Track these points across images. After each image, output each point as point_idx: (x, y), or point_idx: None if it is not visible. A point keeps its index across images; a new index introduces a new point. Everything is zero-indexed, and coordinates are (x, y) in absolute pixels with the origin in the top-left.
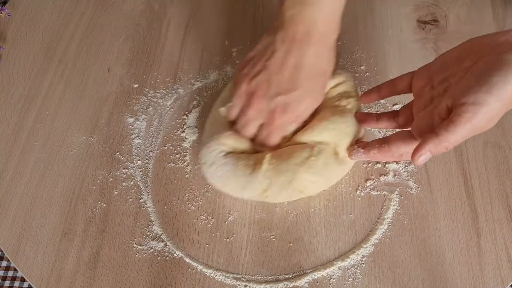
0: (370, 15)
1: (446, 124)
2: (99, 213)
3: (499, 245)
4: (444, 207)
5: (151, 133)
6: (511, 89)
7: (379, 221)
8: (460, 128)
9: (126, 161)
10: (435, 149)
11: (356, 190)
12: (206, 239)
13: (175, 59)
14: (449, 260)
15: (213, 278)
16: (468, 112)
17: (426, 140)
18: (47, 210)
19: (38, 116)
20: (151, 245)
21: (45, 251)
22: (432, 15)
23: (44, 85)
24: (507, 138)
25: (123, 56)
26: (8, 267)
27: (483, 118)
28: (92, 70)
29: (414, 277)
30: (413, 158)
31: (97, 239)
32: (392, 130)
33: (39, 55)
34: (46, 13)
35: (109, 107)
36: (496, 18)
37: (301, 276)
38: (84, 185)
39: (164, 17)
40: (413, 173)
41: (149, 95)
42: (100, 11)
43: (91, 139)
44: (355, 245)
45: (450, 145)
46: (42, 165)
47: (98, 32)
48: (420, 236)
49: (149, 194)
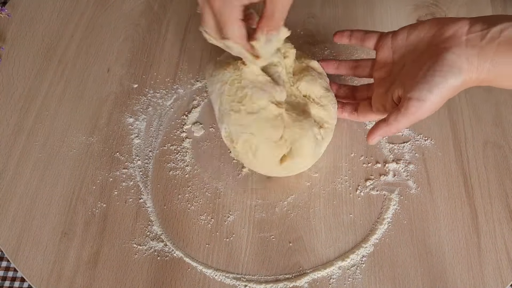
0: (370, 15)
1: (396, 114)
2: (99, 213)
3: (499, 245)
4: (444, 207)
5: (151, 133)
6: (448, 87)
7: (379, 221)
8: (406, 119)
9: (126, 161)
10: (385, 133)
11: (356, 190)
12: (206, 239)
13: (174, 59)
14: (449, 260)
15: (213, 278)
16: (413, 106)
17: (378, 126)
18: (47, 210)
19: (38, 116)
20: (151, 245)
21: (45, 251)
22: (432, 15)
23: (44, 85)
24: (507, 138)
25: (123, 56)
26: (8, 267)
27: (425, 111)
28: (91, 70)
29: (414, 277)
30: (368, 139)
31: (97, 239)
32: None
33: (39, 55)
34: (46, 13)
35: (108, 107)
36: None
37: (301, 276)
38: (84, 185)
39: (163, 17)
40: (413, 173)
41: (148, 95)
42: (100, 11)
43: (91, 139)
44: (355, 245)
45: (398, 131)
46: (42, 165)
47: (98, 32)
48: (420, 236)
49: (149, 194)
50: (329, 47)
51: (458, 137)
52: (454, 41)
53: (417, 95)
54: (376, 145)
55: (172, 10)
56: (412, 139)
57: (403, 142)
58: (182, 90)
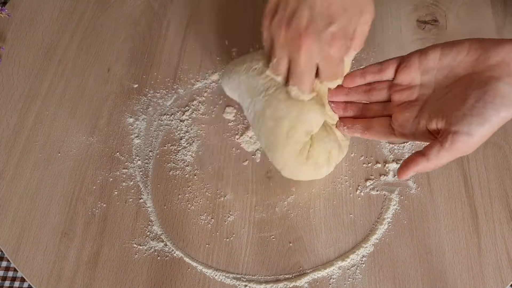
0: None
1: (438, 149)
2: (99, 213)
3: (499, 245)
4: (444, 207)
5: (151, 133)
6: (500, 121)
7: (379, 221)
8: (450, 155)
9: (126, 161)
10: (423, 169)
11: (356, 190)
12: (206, 239)
13: (175, 59)
14: (449, 260)
15: (213, 278)
16: (460, 142)
17: (416, 161)
18: (47, 210)
19: (38, 116)
20: (151, 245)
21: (45, 251)
22: (432, 15)
23: (44, 85)
24: (507, 138)
25: (123, 56)
26: (8, 267)
27: (472, 146)
28: (92, 70)
29: (414, 277)
30: (399, 173)
31: (97, 239)
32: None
33: (39, 55)
34: (46, 13)
35: (109, 107)
36: (496, 18)
37: (301, 276)
38: (84, 185)
39: (164, 17)
40: None
41: (149, 95)
42: (100, 11)
43: (91, 139)
44: (355, 245)
45: (436, 167)
46: (42, 165)
47: (98, 32)
48: (420, 236)
49: (149, 194)
50: None
51: None
52: (503, 70)
53: (466, 130)
54: (376, 145)
55: (172, 10)
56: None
57: (403, 142)
58: (182, 90)
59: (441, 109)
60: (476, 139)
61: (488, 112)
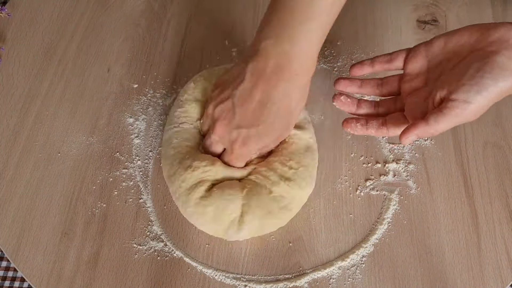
0: (370, 16)
1: (436, 114)
2: (99, 213)
3: (499, 245)
4: (444, 207)
5: (151, 133)
6: (498, 90)
7: (379, 221)
8: (448, 120)
9: (126, 161)
10: (422, 134)
11: (356, 190)
12: (206, 239)
13: (175, 59)
14: (449, 260)
15: (213, 278)
16: (458, 108)
17: (416, 124)
18: (47, 210)
19: (38, 116)
20: (151, 245)
21: (45, 251)
22: (432, 15)
23: (44, 85)
24: (507, 138)
25: (123, 56)
26: (8, 267)
27: (470, 114)
28: (92, 70)
29: (414, 277)
30: (401, 138)
31: (97, 239)
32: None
33: (39, 55)
34: (46, 13)
35: (109, 107)
36: (496, 18)
37: (301, 276)
38: (84, 185)
39: (164, 17)
40: (413, 173)
41: (149, 95)
42: (100, 11)
43: (91, 139)
44: (355, 245)
45: (436, 132)
46: (42, 165)
47: (98, 32)
48: (420, 236)
49: (149, 194)
50: (329, 47)
51: (458, 137)
52: (502, 44)
53: (463, 97)
54: (376, 145)
55: (172, 10)
56: None
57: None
58: None
59: (445, 83)
60: (474, 106)
61: (485, 81)
